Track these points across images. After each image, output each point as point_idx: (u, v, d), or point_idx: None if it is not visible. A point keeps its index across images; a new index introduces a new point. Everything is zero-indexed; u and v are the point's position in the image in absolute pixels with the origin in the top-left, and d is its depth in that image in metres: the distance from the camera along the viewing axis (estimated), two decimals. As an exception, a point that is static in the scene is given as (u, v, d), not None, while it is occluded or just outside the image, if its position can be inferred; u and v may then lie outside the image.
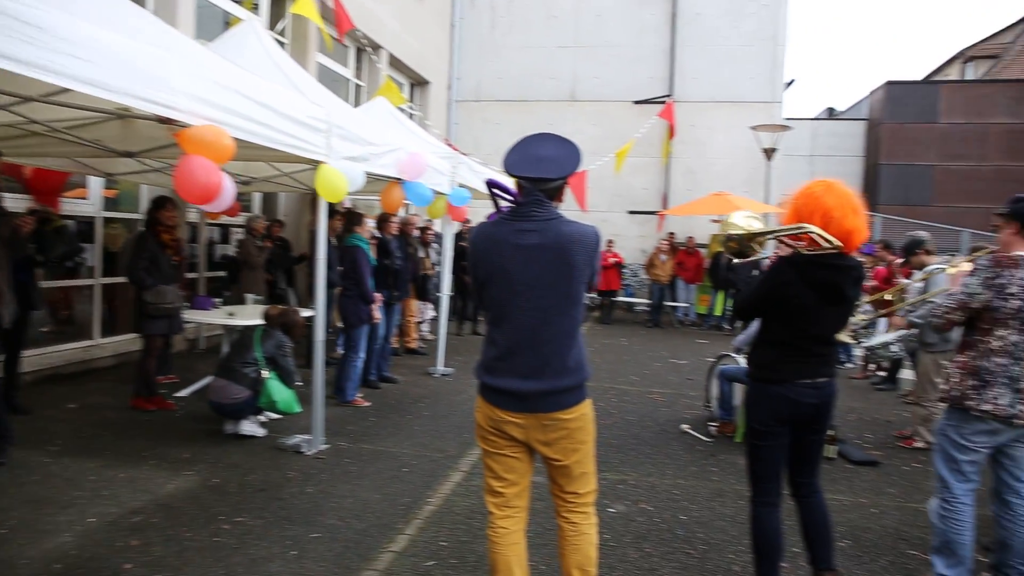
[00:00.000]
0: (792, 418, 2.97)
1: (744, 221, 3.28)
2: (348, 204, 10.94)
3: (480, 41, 16.71)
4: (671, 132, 16.14)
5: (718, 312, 13.90)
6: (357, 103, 12.04)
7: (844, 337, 9.72)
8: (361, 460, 4.88)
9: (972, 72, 27.77)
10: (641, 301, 15.33)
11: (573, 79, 16.60)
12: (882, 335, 6.37)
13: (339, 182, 4.70)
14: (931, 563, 3.35)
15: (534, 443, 2.57)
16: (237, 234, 9.53)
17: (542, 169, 2.49)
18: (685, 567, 3.55)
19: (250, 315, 6.39)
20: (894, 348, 6.14)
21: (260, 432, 5.28)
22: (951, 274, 5.54)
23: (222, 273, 8.99)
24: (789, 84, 17.88)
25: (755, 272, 13.20)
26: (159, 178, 6.79)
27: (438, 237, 10.89)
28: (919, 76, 32.35)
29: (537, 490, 3.03)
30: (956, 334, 6.18)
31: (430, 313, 10.27)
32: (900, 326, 6.14)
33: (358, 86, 12.73)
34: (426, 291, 9.56)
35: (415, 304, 9.37)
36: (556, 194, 2.55)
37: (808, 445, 3.09)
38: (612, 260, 13.84)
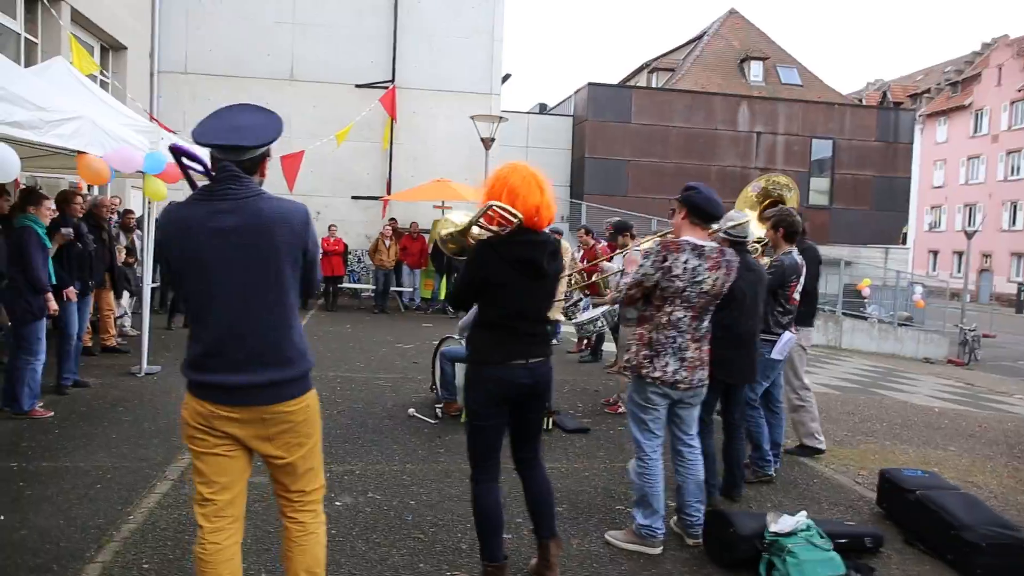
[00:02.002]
0: (508, 398, 3.04)
1: (458, 218, 3.33)
2: (32, 182, 9.34)
3: (187, 7, 15.17)
4: (392, 118, 16.13)
5: (442, 296, 14.26)
6: (29, 63, 10.24)
7: (557, 315, 10.49)
8: (39, 482, 4.13)
9: (655, 81, 31.67)
10: (366, 287, 15.18)
11: (292, 58, 15.82)
12: (588, 312, 6.96)
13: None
14: (632, 516, 3.72)
15: (253, 441, 2.34)
16: None
17: (237, 136, 2.23)
18: (414, 552, 3.53)
19: None
20: (599, 323, 6.74)
21: None
22: (632, 252, 6.17)
23: None
24: (506, 78, 18.85)
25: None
26: None
27: (140, 222, 9.72)
28: (616, 80, 36.08)
29: (256, 491, 2.78)
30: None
31: (128, 307, 9.13)
32: (606, 302, 6.75)
33: (30, 42, 10.83)
34: (124, 282, 8.46)
35: (111, 297, 8.24)
36: (256, 168, 2.31)
37: (527, 423, 3.20)
38: (335, 246, 13.51)
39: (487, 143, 15.13)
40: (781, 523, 3.51)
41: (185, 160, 2.29)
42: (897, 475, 4.40)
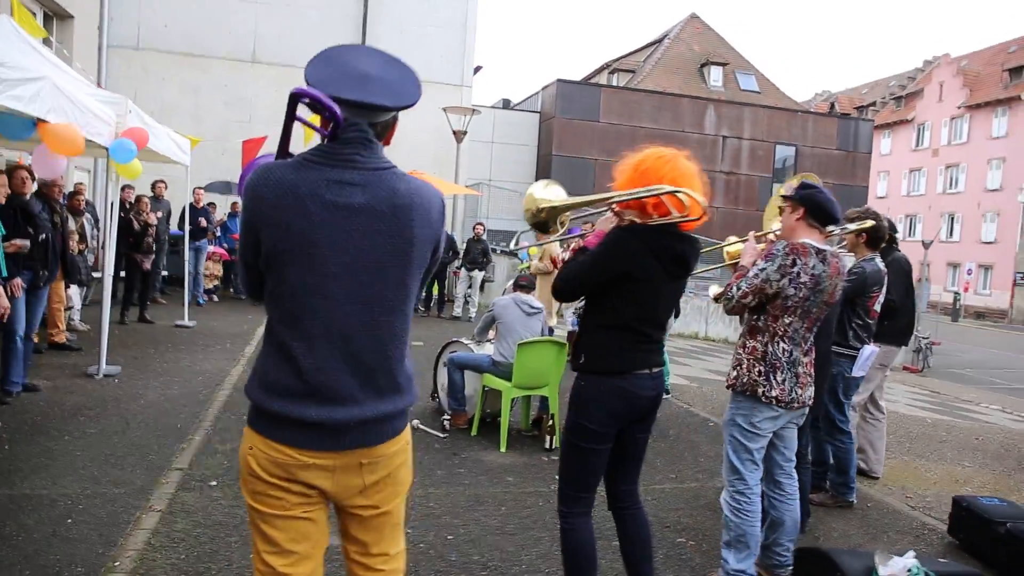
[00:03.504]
0: (628, 414, 2.60)
1: (551, 192, 2.88)
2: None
3: (139, -24, 14.15)
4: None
5: (413, 295, 13.59)
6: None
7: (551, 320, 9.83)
8: (-7, 514, 3.39)
9: (616, 82, 31.44)
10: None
11: (255, 37, 14.92)
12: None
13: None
14: (722, 559, 3.21)
15: (343, 492, 1.74)
16: None
17: (374, 91, 1.67)
18: (471, 603, 2.96)
19: None
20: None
21: None
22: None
23: None
24: (477, 70, 18.27)
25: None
26: None
27: (90, 206, 8.82)
28: (577, 79, 35.78)
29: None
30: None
31: (78, 300, 8.22)
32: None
33: (-35, 5, 9.75)
34: (75, 271, 7.57)
35: (62, 288, 7.35)
36: (385, 134, 1.78)
37: (635, 445, 2.74)
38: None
39: (459, 136, 14.56)
40: (892, 565, 3.06)
41: (302, 112, 1.68)
42: (976, 504, 4.01)
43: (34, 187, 5.71)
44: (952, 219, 42.18)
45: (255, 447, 1.69)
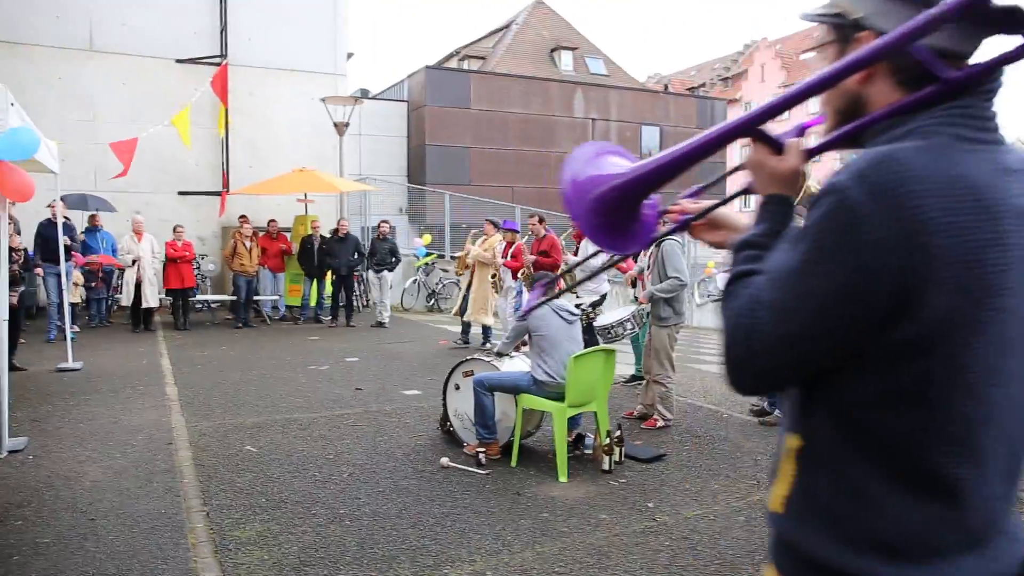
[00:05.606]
0: None
1: None
2: None
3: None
4: (224, 100, 13.66)
5: (313, 303, 12.32)
6: None
7: (484, 318, 9.02)
8: None
9: (467, 68, 30.84)
10: (221, 298, 12.72)
11: (91, 23, 12.82)
12: (615, 312, 5.86)
13: None
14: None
15: None
16: None
17: None
18: None
19: None
20: (629, 326, 5.67)
21: None
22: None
23: None
24: (350, 57, 16.94)
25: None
26: None
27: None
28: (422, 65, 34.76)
29: None
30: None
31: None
32: (641, 302, 5.73)
33: None
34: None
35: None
36: None
37: None
38: (184, 251, 11.04)
39: (341, 128, 13.37)
40: None
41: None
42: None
43: None
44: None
45: None
